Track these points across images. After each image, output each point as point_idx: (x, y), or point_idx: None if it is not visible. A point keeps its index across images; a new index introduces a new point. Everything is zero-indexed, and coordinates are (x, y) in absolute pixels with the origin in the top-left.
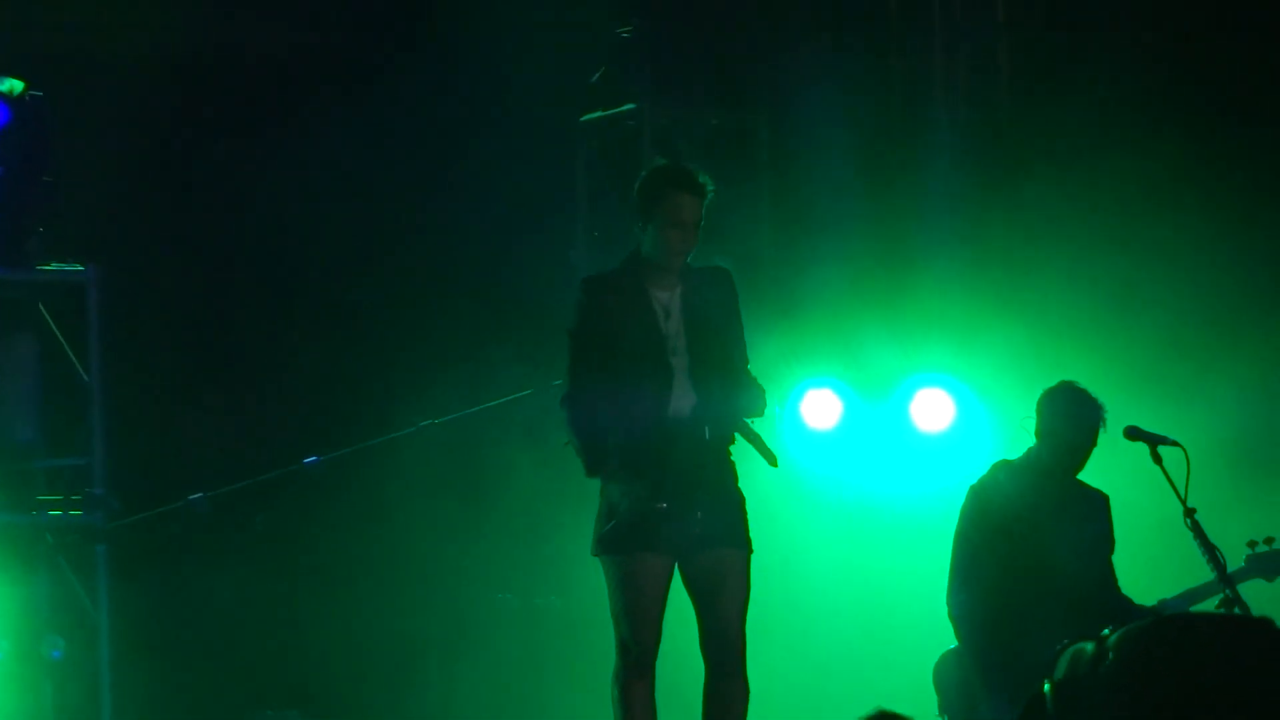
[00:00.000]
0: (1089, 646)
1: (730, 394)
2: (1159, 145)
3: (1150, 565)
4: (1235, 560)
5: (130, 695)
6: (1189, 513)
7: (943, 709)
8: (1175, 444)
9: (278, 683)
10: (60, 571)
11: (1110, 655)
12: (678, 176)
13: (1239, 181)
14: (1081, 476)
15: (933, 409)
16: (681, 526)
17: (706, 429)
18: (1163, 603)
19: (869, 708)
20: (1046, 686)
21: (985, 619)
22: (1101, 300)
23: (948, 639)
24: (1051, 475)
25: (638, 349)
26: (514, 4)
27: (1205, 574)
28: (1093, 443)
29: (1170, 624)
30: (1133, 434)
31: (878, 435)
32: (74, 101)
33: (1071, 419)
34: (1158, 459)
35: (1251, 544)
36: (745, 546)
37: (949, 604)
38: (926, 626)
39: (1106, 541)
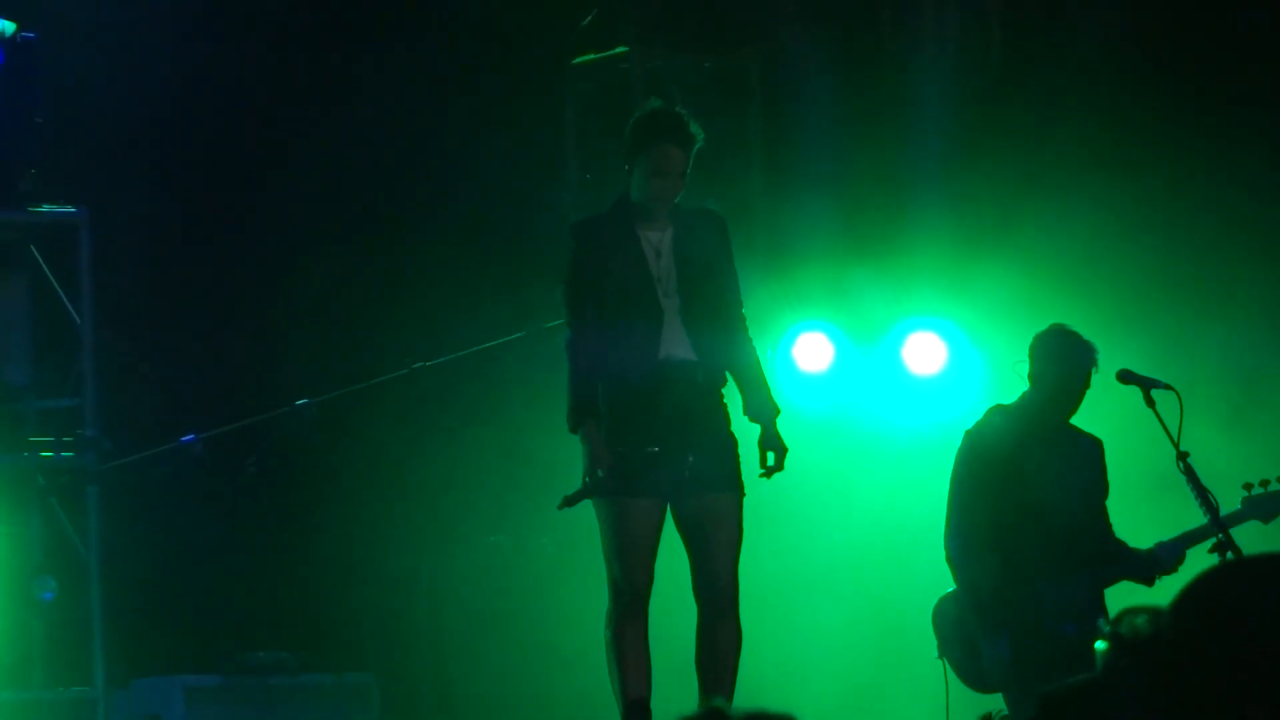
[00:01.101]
0: (1142, 615)
1: (723, 336)
2: (1154, 87)
3: (1147, 509)
4: (1230, 503)
5: (122, 637)
6: (1181, 456)
7: (942, 651)
8: (1168, 387)
9: (269, 624)
10: (52, 513)
11: (1171, 615)
12: (664, 126)
13: (1231, 125)
14: (1075, 421)
15: (925, 352)
16: (673, 469)
17: (699, 371)
18: (1160, 545)
19: (866, 650)
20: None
21: (980, 560)
22: (1093, 243)
23: (946, 582)
24: (1044, 419)
25: (628, 290)
26: None
27: (1201, 517)
28: (1085, 385)
29: (1232, 570)
30: (1125, 377)
31: (870, 378)
32: (66, 43)
33: (1063, 361)
34: (1150, 402)
35: (1247, 486)
36: (737, 489)
37: (946, 547)
38: (925, 570)
39: (1100, 486)
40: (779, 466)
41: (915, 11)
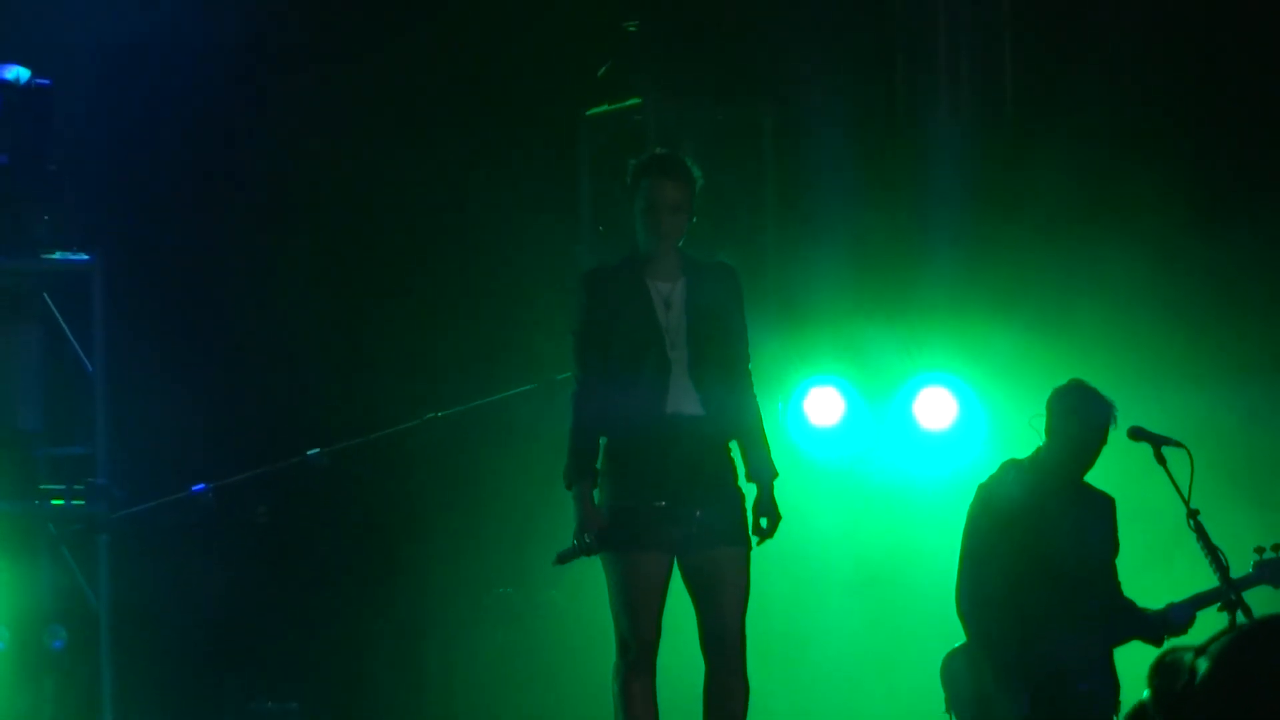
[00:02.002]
0: (1186, 657)
1: (730, 391)
2: (1165, 142)
3: (1160, 568)
4: (1242, 566)
5: (131, 686)
6: (1192, 514)
7: (950, 706)
8: (1179, 445)
9: (278, 674)
10: (62, 561)
11: (1206, 664)
12: (653, 163)
13: (1247, 178)
14: (1088, 478)
15: (936, 407)
16: (680, 523)
17: (706, 425)
18: (1171, 607)
19: (873, 705)
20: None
21: (994, 616)
22: (1105, 299)
23: (955, 636)
24: (1059, 474)
25: (636, 342)
26: None
27: (1211, 576)
28: (1102, 441)
29: (1268, 630)
30: (1137, 434)
31: (881, 433)
32: (80, 90)
33: (1080, 416)
34: (1161, 460)
35: (1259, 550)
36: (745, 543)
37: (958, 600)
38: (933, 624)
39: (1110, 544)
40: (770, 533)
41: (929, 65)
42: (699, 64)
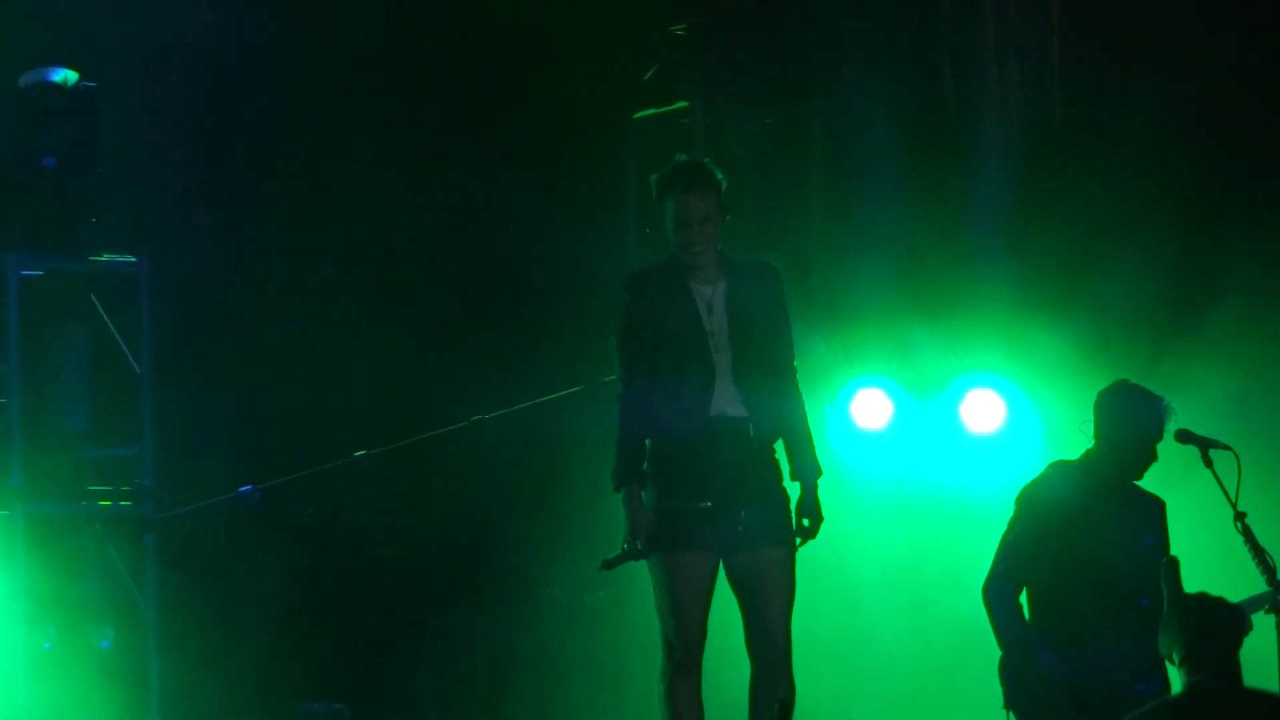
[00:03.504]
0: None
1: (774, 391)
2: (1211, 145)
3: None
4: None
5: (178, 686)
6: (1239, 516)
7: (1008, 704)
8: (1226, 448)
9: (325, 676)
10: (109, 562)
11: None
12: (674, 178)
13: None
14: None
15: (983, 410)
16: (726, 525)
17: (750, 427)
18: None
19: (926, 704)
20: None
21: (1035, 615)
22: (1154, 300)
23: None
24: (1108, 476)
25: (680, 344)
26: (568, 1)
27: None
28: (1158, 438)
29: (1198, 697)
30: (1184, 437)
31: (927, 436)
32: (127, 92)
33: (1130, 418)
34: (1209, 463)
35: None
36: (790, 544)
37: (985, 591)
38: (985, 625)
39: (1161, 547)
40: (813, 534)
41: (977, 68)
42: (746, 68)
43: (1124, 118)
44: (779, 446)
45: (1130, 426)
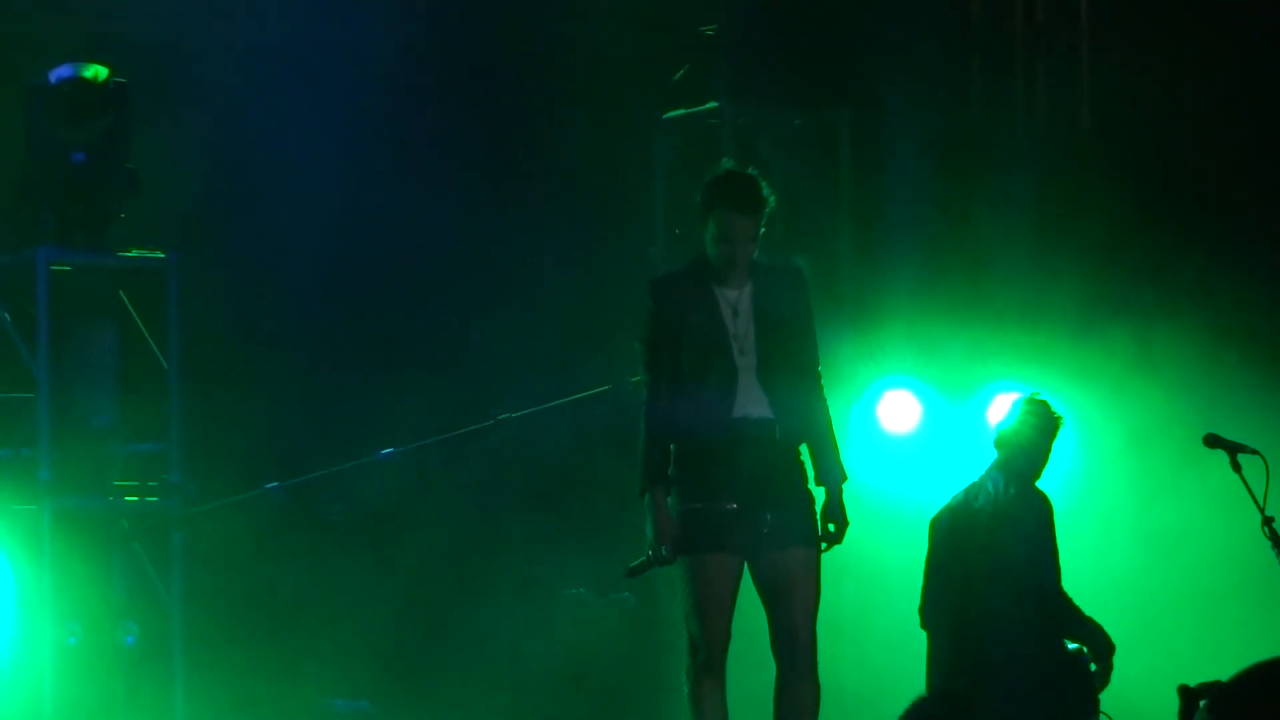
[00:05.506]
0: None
1: (799, 394)
2: (1241, 153)
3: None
4: None
5: (203, 682)
6: (1267, 520)
7: None
8: (1255, 452)
9: (349, 672)
10: (135, 557)
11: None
12: (732, 194)
13: None
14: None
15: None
16: (751, 526)
17: (775, 429)
18: None
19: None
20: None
21: (955, 621)
22: (1186, 302)
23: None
24: (1010, 481)
25: (704, 348)
26: (598, 1)
27: None
28: (1049, 448)
29: (1260, 675)
30: (1212, 441)
31: (955, 436)
32: (157, 88)
33: (1035, 430)
34: (1237, 467)
35: None
36: (815, 546)
37: (921, 613)
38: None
39: (1050, 539)
40: (838, 539)
41: (1005, 71)
42: (776, 69)
43: (1152, 122)
44: (803, 449)
45: (1034, 437)
